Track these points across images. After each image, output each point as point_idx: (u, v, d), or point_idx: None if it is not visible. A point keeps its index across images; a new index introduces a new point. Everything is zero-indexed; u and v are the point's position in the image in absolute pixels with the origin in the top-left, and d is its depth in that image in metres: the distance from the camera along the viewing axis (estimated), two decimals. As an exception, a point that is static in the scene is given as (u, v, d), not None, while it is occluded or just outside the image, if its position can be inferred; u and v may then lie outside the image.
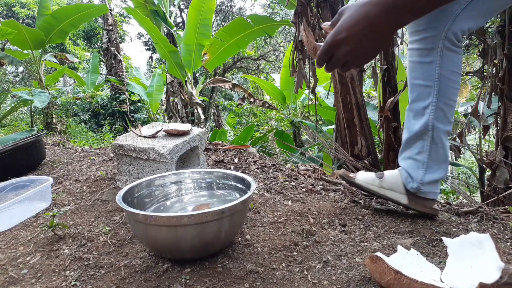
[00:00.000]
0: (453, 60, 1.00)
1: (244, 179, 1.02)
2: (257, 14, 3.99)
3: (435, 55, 0.99)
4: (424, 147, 1.06)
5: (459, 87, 1.05)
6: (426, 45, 1.00)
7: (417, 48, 1.03)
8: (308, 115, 6.57)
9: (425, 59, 1.01)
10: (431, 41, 0.98)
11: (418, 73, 1.05)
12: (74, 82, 11.38)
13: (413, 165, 1.08)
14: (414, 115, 1.07)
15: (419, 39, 1.01)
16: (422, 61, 1.02)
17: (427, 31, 0.99)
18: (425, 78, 1.03)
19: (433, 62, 1.00)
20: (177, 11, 10.96)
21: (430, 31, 0.98)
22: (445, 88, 1.01)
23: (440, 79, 1.00)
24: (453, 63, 1.00)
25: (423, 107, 1.04)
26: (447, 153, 1.07)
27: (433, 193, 1.08)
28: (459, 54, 1.01)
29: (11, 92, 5.25)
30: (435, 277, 0.74)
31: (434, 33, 0.97)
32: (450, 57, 0.99)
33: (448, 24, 0.96)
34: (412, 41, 1.05)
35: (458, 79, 1.03)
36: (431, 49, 0.99)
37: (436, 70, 1.00)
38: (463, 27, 0.97)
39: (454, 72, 1.01)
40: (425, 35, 0.99)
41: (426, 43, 1.00)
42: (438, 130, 1.03)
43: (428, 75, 1.02)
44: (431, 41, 0.98)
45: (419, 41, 1.02)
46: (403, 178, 1.10)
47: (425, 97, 1.03)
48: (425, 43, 1.00)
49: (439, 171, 1.06)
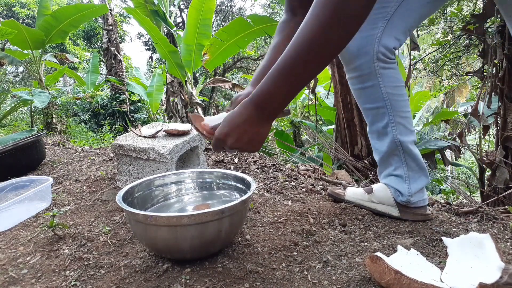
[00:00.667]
0: (391, 76, 1.04)
1: (244, 179, 1.02)
2: (257, 14, 3.99)
3: (375, 78, 1.03)
4: (400, 162, 1.09)
5: (407, 97, 1.09)
6: (362, 71, 1.04)
7: (355, 76, 1.07)
8: (308, 115, 6.57)
9: (366, 84, 1.05)
10: (366, 66, 1.02)
11: (365, 98, 1.09)
12: (74, 82, 11.38)
13: (396, 180, 1.11)
14: (378, 136, 1.11)
15: (354, 67, 1.05)
16: (364, 86, 1.06)
17: (358, 58, 1.03)
18: (373, 101, 1.06)
19: (375, 85, 1.04)
20: (177, 11, 10.96)
21: (361, 57, 1.02)
22: (395, 104, 1.05)
23: (388, 98, 1.04)
24: (393, 78, 1.04)
25: (382, 126, 1.08)
26: (421, 160, 1.10)
27: (422, 201, 1.10)
28: (394, 69, 1.05)
29: (11, 92, 5.25)
30: (435, 277, 0.74)
31: (366, 59, 1.02)
32: (388, 75, 1.03)
33: (376, 47, 1.00)
34: (348, 70, 1.09)
35: (403, 91, 1.07)
36: (369, 73, 1.03)
37: (382, 90, 1.04)
38: (389, 45, 1.01)
39: (397, 86, 1.05)
40: (359, 62, 1.03)
41: (362, 70, 1.04)
42: (405, 143, 1.07)
43: (375, 98, 1.05)
44: (366, 66, 1.02)
45: (355, 69, 1.05)
46: (392, 192, 1.12)
47: (381, 118, 1.07)
48: (361, 70, 1.04)
49: (421, 178, 1.09)
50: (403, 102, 1.06)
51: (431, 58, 4.58)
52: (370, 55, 1.00)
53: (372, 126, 1.11)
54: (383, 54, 1.01)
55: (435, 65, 4.53)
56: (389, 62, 1.03)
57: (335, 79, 2.27)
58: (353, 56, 1.03)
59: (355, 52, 1.02)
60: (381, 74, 1.02)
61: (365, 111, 1.12)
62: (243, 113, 0.68)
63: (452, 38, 3.80)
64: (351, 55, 1.03)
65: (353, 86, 1.10)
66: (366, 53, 1.01)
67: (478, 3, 3.47)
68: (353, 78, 1.08)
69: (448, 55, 4.02)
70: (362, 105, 1.12)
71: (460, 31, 3.45)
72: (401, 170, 1.09)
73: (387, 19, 0.98)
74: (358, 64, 1.03)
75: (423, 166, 1.10)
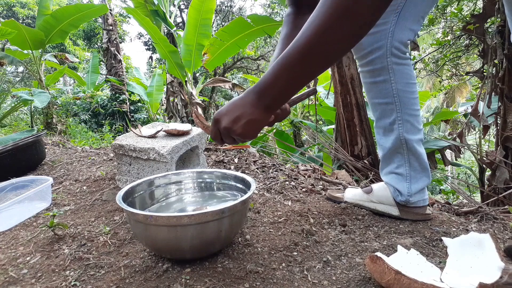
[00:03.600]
0: (404, 72, 1.03)
1: (244, 179, 1.02)
2: (257, 14, 3.99)
3: (387, 73, 1.02)
4: (403, 160, 1.08)
5: (418, 95, 1.08)
6: (375, 65, 1.03)
7: (367, 70, 1.06)
8: (308, 115, 6.57)
9: (378, 78, 1.04)
10: (379, 61, 1.02)
11: (375, 92, 1.08)
12: (74, 82, 11.38)
13: (397, 179, 1.10)
14: (384, 132, 1.10)
15: (367, 62, 1.05)
16: (376, 80, 1.05)
17: (372, 53, 1.02)
18: (383, 96, 1.05)
19: (387, 80, 1.03)
20: (177, 11, 10.96)
21: (375, 52, 1.02)
22: (405, 101, 1.04)
23: (398, 94, 1.03)
24: (406, 75, 1.03)
25: (389, 123, 1.07)
26: (426, 160, 1.09)
27: (422, 201, 1.10)
28: (408, 65, 1.04)
29: (11, 92, 5.25)
30: (435, 277, 0.74)
31: (379, 53, 1.01)
32: (401, 71, 1.02)
33: (389, 41, 0.99)
34: (361, 64, 1.08)
35: (414, 88, 1.05)
36: (381, 68, 1.02)
37: (392, 86, 1.03)
38: (402, 39, 1.00)
39: (409, 84, 1.04)
40: (372, 57, 1.02)
41: (375, 64, 1.03)
42: (411, 141, 1.05)
43: (385, 93, 1.05)
44: (379, 61, 1.02)
45: (368, 64, 1.05)
46: (391, 192, 1.12)
47: (389, 114, 1.06)
48: (374, 64, 1.03)
49: (423, 179, 1.09)
50: (413, 100, 1.05)
51: (431, 58, 4.58)
52: (384, 50, 0.99)
53: (379, 122, 1.10)
54: (397, 49, 1.00)
55: (435, 65, 4.53)
56: (403, 57, 1.02)
57: (335, 79, 2.27)
58: (367, 51, 1.02)
59: (368, 47, 1.01)
60: (394, 70, 1.01)
61: (374, 106, 1.10)
62: (243, 97, 0.69)
63: (452, 38, 3.80)
64: (365, 50, 1.03)
65: (365, 80, 1.09)
66: (379, 48, 1.00)
67: (478, 3, 3.47)
68: (365, 72, 1.07)
69: (448, 55, 4.02)
70: (371, 100, 1.10)
71: (460, 31, 3.45)
72: (403, 168, 1.08)
73: (398, 12, 0.97)
74: (371, 59, 1.02)
75: (426, 166, 1.09)
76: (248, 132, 0.70)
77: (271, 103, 0.68)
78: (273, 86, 0.66)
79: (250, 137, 0.71)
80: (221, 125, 0.70)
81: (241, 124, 0.68)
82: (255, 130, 0.70)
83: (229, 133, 0.70)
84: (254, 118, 0.68)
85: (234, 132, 0.69)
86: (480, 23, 2.26)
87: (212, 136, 0.74)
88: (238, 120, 0.68)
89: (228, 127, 0.69)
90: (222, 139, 0.74)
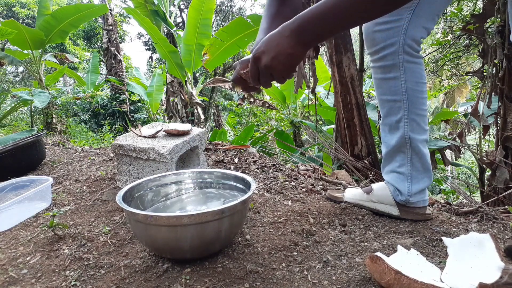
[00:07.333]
0: (415, 71, 1.03)
1: (244, 179, 1.02)
2: (257, 14, 3.99)
3: (397, 70, 1.02)
4: (405, 160, 1.08)
5: (427, 95, 1.07)
6: (386, 62, 1.03)
7: (379, 66, 1.06)
8: (308, 115, 6.57)
9: (388, 75, 1.04)
10: (391, 58, 1.01)
11: (384, 89, 1.07)
12: (74, 82, 11.38)
13: (398, 178, 1.10)
14: (389, 129, 1.09)
15: (379, 58, 1.04)
16: (386, 77, 1.05)
17: (385, 49, 1.02)
18: (392, 93, 1.05)
19: (397, 77, 1.03)
20: (177, 11, 10.96)
21: (387, 48, 1.01)
22: (413, 100, 1.03)
23: (407, 93, 1.03)
24: (417, 74, 1.03)
25: (396, 120, 1.06)
26: (429, 161, 1.08)
27: (422, 201, 1.09)
28: (420, 65, 1.04)
29: (11, 92, 5.25)
30: (435, 277, 0.74)
31: (392, 50, 1.01)
32: (412, 69, 1.02)
33: (402, 39, 0.99)
34: (373, 59, 1.08)
35: (423, 88, 1.05)
36: (392, 65, 1.02)
37: (402, 84, 1.03)
38: (415, 36, 0.99)
39: (419, 83, 1.04)
40: (384, 53, 1.02)
41: (386, 60, 1.03)
42: (415, 141, 1.05)
43: (394, 90, 1.04)
44: (391, 57, 1.01)
45: (380, 60, 1.05)
46: (391, 191, 1.11)
47: (396, 111, 1.06)
48: (385, 61, 1.03)
49: (424, 180, 1.08)
50: (421, 100, 1.04)
51: (431, 58, 4.58)
52: (396, 47, 0.99)
53: (385, 119, 1.10)
54: (409, 47, 0.99)
55: (435, 65, 4.53)
56: (415, 56, 1.02)
57: (335, 79, 2.27)
58: (380, 47, 1.02)
59: (381, 43, 1.01)
60: (405, 68, 1.01)
61: (382, 102, 1.10)
62: (281, 33, 0.69)
63: (452, 38, 3.80)
64: (378, 45, 1.02)
65: (375, 75, 1.09)
66: (392, 44, 1.00)
67: (478, 3, 3.47)
68: (376, 68, 1.07)
69: (448, 55, 4.02)
70: (379, 96, 1.10)
71: (460, 31, 3.45)
72: (405, 168, 1.08)
73: (413, 9, 0.97)
74: (383, 54, 1.02)
75: (429, 167, 1.08)
76: (287, 69, 0.70)
77: (310, 40, 0.68)
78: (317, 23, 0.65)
79: (289, 73, 0.71)
80: (262, 63, 0.70)
81: (281, 60, 0.68)
82: (293, 67, 0.70)
83: (270, 71, 0.70)
84: (293, 54, 0.68)
85: (275, 69, 0.69)
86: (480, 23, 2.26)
87: (251, 75, 0.74)
88: (278, 57, 0.68)
89: (269, 65, 0.69)
90: (259, 79, 0.73)
